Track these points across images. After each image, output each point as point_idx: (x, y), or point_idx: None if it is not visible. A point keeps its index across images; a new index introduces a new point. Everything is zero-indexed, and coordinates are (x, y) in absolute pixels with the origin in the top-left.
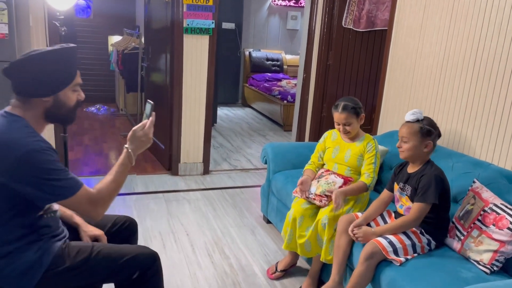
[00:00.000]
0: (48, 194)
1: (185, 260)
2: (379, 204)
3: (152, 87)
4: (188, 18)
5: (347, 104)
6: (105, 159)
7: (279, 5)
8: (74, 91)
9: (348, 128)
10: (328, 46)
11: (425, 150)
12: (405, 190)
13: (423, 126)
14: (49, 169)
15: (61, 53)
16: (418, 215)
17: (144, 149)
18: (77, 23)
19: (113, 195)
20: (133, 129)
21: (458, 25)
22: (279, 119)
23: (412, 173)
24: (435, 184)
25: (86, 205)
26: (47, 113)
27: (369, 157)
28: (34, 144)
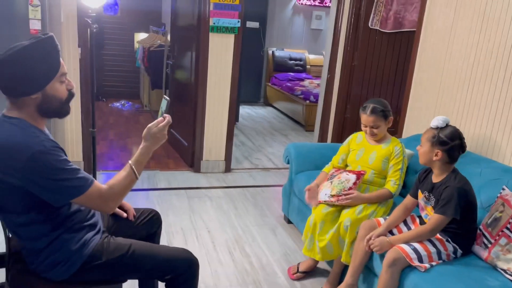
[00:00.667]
0: (58, 194)
1: (206, 257)
2: (401, 210)
3: (177, 85)
4: (214, 17)
5: (376, 106)
6: (129, 154)
7: (304, 5)
8: (61, 82)
9: (375, 131)
10: (354, 46)
11: (435, 159)
12: (430, 200)
13: (437, 134)
14: (57, 169)
15: (39, 46)
16: (435, 227)
17: (159, 145)
18: (105, 20)
19: (125, 191)
20: (148, 126)
21: (490, 28)
22: (301, 119)
23: (436, 183)
24: (457, 198)
25: (97, 201)
26: (39, 109)
27: (396, 163)
28: (39, 145)
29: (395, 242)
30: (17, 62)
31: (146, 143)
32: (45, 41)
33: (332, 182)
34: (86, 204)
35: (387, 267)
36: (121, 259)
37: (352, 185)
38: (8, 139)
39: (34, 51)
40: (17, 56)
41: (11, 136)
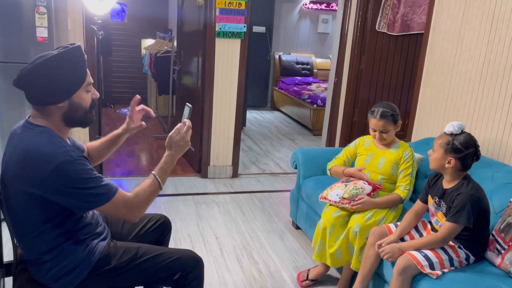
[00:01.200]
0: (85, 202)
1: (214, 264)
2: (412, 216)
3: (184, 90)
4: (220, 22)
5: (386, 111)
6: (137, 161)
7: (310, 9)
8: (87, 91)
9: (384, 135)
10: (361, 50)
11: (447, 166)
12: (440, 206)
13: (451, 141)
14: (83, 178)
15: (67, 56)
16: (447, 235)
17: (183, 153)
18: (112, 27)
19: (150, 199)
20: (169, 135)
21: (500, 30)
22: (308, 123)
23: (448, 189)
24: (470, 206)
25: (122, 209)
26: (65, 118)
27: (406, 167)
28: (65, 155)
29: (406, 249)
30: (46, 72)
31: (170, 151)
32: (73, 50)
33: (347, 185)
34: (111, 212)
35: (397, 275)
36: (130, 262)
37: (366, 195)
38: (37, 149)
39: (62, 61)
40: (46, 66)
41: (39, 145)
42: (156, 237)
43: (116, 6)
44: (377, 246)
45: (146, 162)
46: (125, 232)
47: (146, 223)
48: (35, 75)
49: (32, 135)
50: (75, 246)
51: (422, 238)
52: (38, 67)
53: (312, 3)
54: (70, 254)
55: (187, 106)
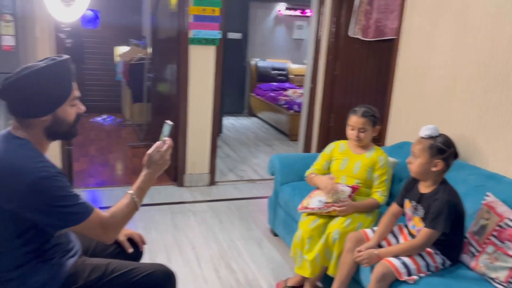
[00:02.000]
0: (59, 220)
1: (191, 275)
2: (389, 219)
3: (158, 98)
4: (194, 29)
5: (368, 111)
6: (111, 170)
7: (285, 15)
8: (72, 106)
9: (362, 135)
10: (335, 56)
11: (434, 169)
12: (417, 210)
13: (435, 143)
14: (59, 196)
15: (54, 68)
16: (426, 241)
17: (162, 172)
18: (84, 34)
19: (126, 220)
20: (148, 153)
21: (469, 35)
22: (285, 129)
23: (425, 193)
24: (447, 212)
25: (97, 230)
26: (47, 132)
27: (382, 173)
28: (43, 170)
29: (384, 255)
30: (30, 84)
31: (148, 170)
32: (60, 63)
33: None
34: (85, 232)
35: (376, 282)
36: (100, 280)
37: (347, 197)
38: (14, 162)
39: (48, 74)
40: (31, 78)
41: (17, 158)
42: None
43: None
44: (356, 252)
45: (120, 172)
46: (98, 250)
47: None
48: (19, 86)
49: (11, 147)
50: (42, 264)
51: (401, 245)
52: (23, 79)
53: (287, 10)
54: (36, 273)
55: (167, 123)
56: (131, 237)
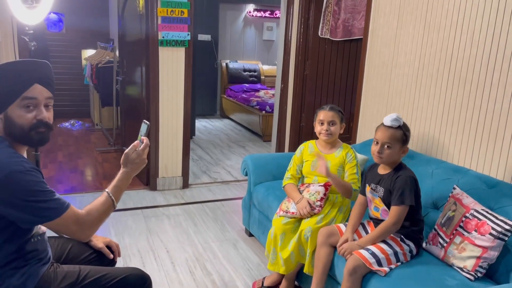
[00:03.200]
0: (33, 216)
1: (166, 278)
2: (358, 210)
3: (128, 101)
4: (163, 31)
5: (334, 106)
6: (81, 176)
7: (255, 16)
8: (25, 108)
9: (332, 129)
10: (305, 56)
11: (403, 155)
12: (377, 191)
13: (404, 132)
14: (33, 191)
15: (10, 67)
16: (397, 218)
17: (139, 171)
18: (49, 37)
19: (103, 218)
20: (125, 152)
21: (432, 34)
22: (258, 130)
23: (384, 174)
24: (410, 186)
25: (73, 227)
26: (7, 133)
27: (351, 167)
28: (16, 164)
29: (364, 244)
30: None
31: (125, 168)
32: (19, 63)
33: (303, 195)
34: (61, 229)
35: (348, 276)
36: (72, 287)
37: (323, 196)
38: None
39: (3, 70)
40: None
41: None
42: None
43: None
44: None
45: (90, 178)
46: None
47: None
48: None
49: None
50: (12, 271)
51: (376, 230)
52: None
53: (256, 11)
54: (5, 280)
55: (145, 123)
56: (109, 245)
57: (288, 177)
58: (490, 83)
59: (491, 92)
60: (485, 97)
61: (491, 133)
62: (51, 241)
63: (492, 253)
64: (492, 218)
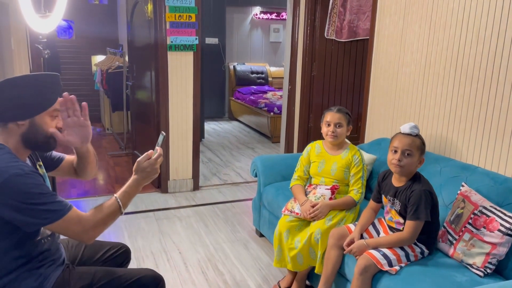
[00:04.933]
0: (35, 218)
1: (179, 279)
2: (368, 213)
3: (138, 105)
4: (171, 35)
5: (342, 108)
6: (93, 180)
7: (261, 19)
8: (52, 117)
9: (338, 130)
10: (312, 57)
11: (419, 166)
12: (394, 204)
13: (422, 141)
14: (34, 193)
15: (40, 78)
16: (413, 233)
17: (150, 180)
18: (60, 44)
19: (108, 221)
20: (138, 160)
21: (438, 33)
22: (266, 131)
23: (399, 187)
24: (425, 201)
25: (76, 228)
26: (24, 139)
27: (357, 171)
28: (16, 168)
29: (373, 246)
30: (12, 87)
31: (136, 176)
32: (46, 75)
33: (308, 197)
34: (64, 232)
35: (358, 274)
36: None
37: (329, 200)
38: None
39: (31, 81)
40: (13, 82)
41: None
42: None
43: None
44: (345, 247)
45: (103, 181)
46: (85, 258)
47: (106, 251)
48: (3, 90)
49: None
50: (29, 273)
51: (389, 237)
52: (6, 82)
53: (263, 13)
54: (23, 282)
55: (162, 134)
56: None
57: (295, 178)
58: (496, 80)
59: (498, 89)
60: (492, 94)
61: (499, 130)
62: (64, 243)
63: (501, 250)
64: (501, 215)
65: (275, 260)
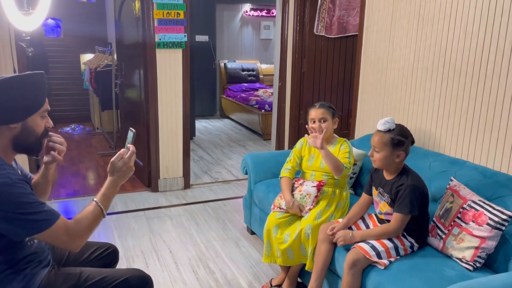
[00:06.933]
0: (23, 228)
1: (169, 278)
2: (359, 207)
3: (127, 104)
4: (159, 33)
5: (324, 103)
6: (83, 180)
7: (251, 16)
8: (42, 118)
9: (323, 125)
10: (302, 54)
11: (397, 160)
12: (384, 196)
13: (394, 137)
14: (22, 203)
15: (29, 79)
16: (398, 225)
17: (126, 179)
18: (47, 43)
19: (93, 227)
20: (111, 160)
21: (426, 28)
22: (258, 129)
23: (389, 180)
24: (413, 195)
25: (63, 237)
26: (15, 142)
27: (343, 153)
28: (4, 177)
29: (360, 236)
30: (6, 90)
31: (112, 177)
32: (35, 75)
33: (294, 195)
34: (50, 241)
35: (348, 269)
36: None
37: (314, 198)
38: None
39: (22, 83)
40: (3, 85)
41: None
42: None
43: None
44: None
45: (93, 181)
46: (71, 259)
47: (93, 251)
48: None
49: None
50: (13, 275)
51: (375, 229)
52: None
53: (253, 10)
54: (7, 284)
55: (131, 130)
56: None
57: (287, 168)
58: (484, 74)
59: (485, 83)
60: (480, 88)
61: (487, 124)
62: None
63: (490, 243)
64: (489, 209)
65: (264, 256)
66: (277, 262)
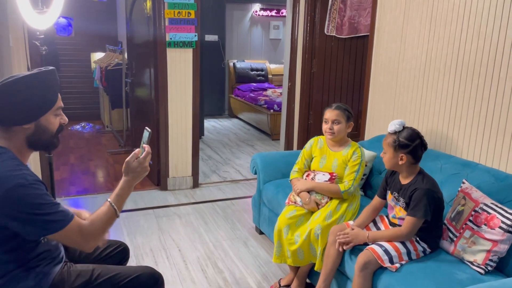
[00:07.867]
0: (37, 228)
1: (178, 277)
2: (370, 210)
3: (137, 103)
4: (170, 32)
5: (341, 105)
6: (92, 178)
7: (261, 16)
8: (56, 115)
9: (335, 127)
10: (312, 54)
11: (401, 163)
12: (399, 201)
13: (397, 139)
14: (37, 204)
15: (39, 77)
16: (411, 229)
17: (141, 179)
18: (59, 42)
19: (106, 227)
20: (126, 160)
21: (438, 29)
22: (266, 129)
23: (405, 184)
24: (427, 200)
25: (77, 238)
26: (29, 141)
27: (353, 165)
28: (20, 178)
29: (372, 237)
30: (18, 91)
31: (126, 177)
32: (46, 73)
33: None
34: (64, 241)
35: (359, 271)
36: (85, 286)
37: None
38: None
39: (33, 81)
40: (16, 85)
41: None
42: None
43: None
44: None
45: (102, 179)
46: (83, 256)
47: (105, 249)
48: (5, 93)
49: None
50: (26, 272)
51: (387, 230)
52: (7, 86)
53: (262, 10)
54: (21, 281)
55: (146, 130)
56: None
57: (295, 170)
58: (498, 76)
59: (499, 85)
60: (493, 90)
61: (500, 127)
62: None
63: (502, 247)
64: (502, 212)
65: (274, 256)
66: (287, 263)
